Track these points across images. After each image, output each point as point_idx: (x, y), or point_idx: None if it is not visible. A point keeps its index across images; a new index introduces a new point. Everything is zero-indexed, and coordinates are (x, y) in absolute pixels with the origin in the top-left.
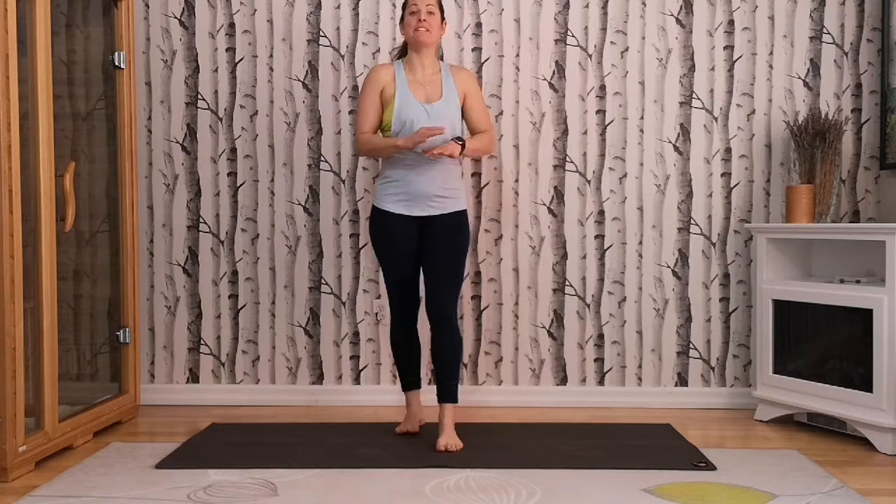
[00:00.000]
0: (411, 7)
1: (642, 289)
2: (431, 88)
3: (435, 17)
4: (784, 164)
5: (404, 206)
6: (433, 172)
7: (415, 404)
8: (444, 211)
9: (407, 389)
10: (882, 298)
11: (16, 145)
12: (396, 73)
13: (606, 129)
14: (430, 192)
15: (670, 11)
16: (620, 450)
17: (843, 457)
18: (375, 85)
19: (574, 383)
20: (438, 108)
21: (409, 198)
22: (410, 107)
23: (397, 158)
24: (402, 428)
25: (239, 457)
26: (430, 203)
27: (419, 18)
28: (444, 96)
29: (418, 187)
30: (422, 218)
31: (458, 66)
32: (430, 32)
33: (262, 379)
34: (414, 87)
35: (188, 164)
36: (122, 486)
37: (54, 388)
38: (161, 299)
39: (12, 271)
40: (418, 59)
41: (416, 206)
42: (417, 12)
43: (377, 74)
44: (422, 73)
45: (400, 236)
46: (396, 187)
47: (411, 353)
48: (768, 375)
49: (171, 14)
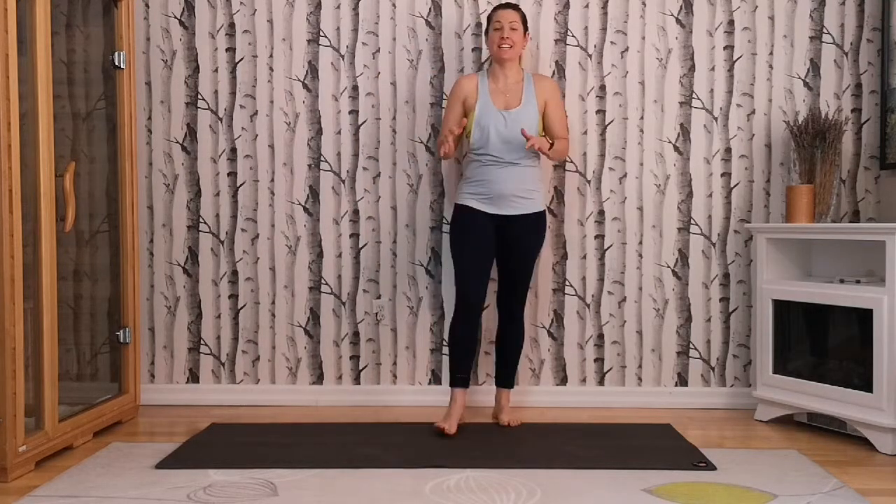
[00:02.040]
0: (495, 24)
1: (642, 289)
2: (511, 96)
3: (517, 33)
4: (784, 164)
5: (485, 205)
6: (513, 173)
7: (460, 402)
8: (524, 211)
9: (456, 385)
10: (882, 298)
11: (16, 145)
12: (479, 83)
13: (606, 129)
14: (511, 192)
15: (670, 11)
16: (620, 450)
17: (843, 457)
18: (458, 95)
19: (574, 383)
20: (516, 114)
21: (490, 197)
22: (489, 113)
23: (478, 160)
24: (441, 425)
25: (239, 457)
26: (510, 203)
27: (502, 36)
28: (523, 103)
29: (499, 187)
30: (501, 217)
31: (541, 75)
32: (512, 49)
33: (262, 379)
34: (495, 95)
35: (188, 164)
36: (122, 486)
37: (54, 388)
38: (161, 299)
39: (12, 271)
40: (501, 70)
41: (497, 205)
42: (501, 29)
43: (460, 85)
44: (504, 82)
45: (478, 232)
46: (478, 186)
47: (469, 350)
48: (768, 375)
49: (171, 14)
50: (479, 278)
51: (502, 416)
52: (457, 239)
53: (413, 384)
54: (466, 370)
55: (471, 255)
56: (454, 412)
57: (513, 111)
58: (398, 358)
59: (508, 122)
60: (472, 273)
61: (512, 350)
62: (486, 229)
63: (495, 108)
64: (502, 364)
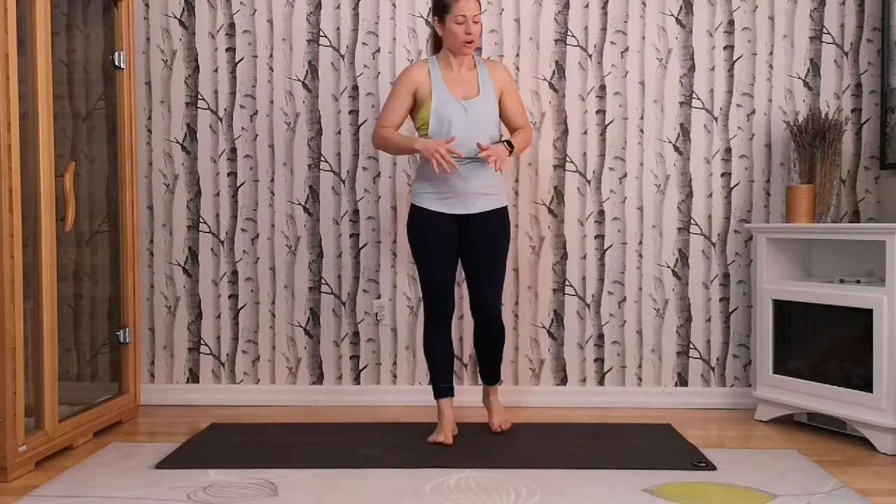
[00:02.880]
0: (457, 16)
1: (642, 289)
2: (468, 85)
3: (478, 26)
4: (784, 164)
5: (445, 205)
6: (473, 170)
7: (448, 412)
8: (486, 208)
9: (440, 397)
10: (882, 298)
11: (16, 145)
12: (431, 71)
13: (606, 129)
14: (471, 189)
15: (670, 11)
16: (620, 450)
17: (843, 457)
18: (408, 85)
19: (574, 383)
20: (476, 105)
21: (450, 196)
22: (448, 104)
23: None
24: (436, 438)
25: (239, 457)
26: (472, 201)
27: (468, 31)
28: (482, 93)
29: (459, 186)
30: (463, 216)
31: (493, 61)
32: (474, 43)
33: (262, 379)
34: (450, 84)
35: (188, 164)
36: (122, 486)
37: (54, 388)
38: (161, 299)
39: (12, 271)
40: (454, 58)
41: (458, 204)
42: (465, 23)
43: (410, 75)
44: (458, 70)
45: (440, 235)
46: (436, 186)
47: (446, 358)
48: (768, 375)
49: (171, 14)
50: (447, 286)
51: (493, 418)
52: (418, 244)
53: (413, 384)
54: (448, 379)
55: (436, 263)
56: (445, 425)
57: (472, 101)
58: (398, 358)
59: (469, 114)
60: (440, 282)
61: (495, 348)
62: (449, 231)
63: (454, 98)
64: (486, 363)
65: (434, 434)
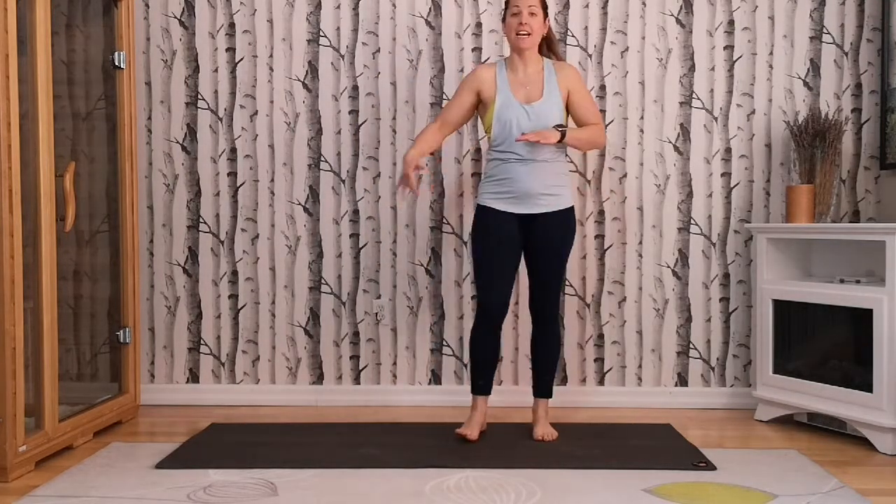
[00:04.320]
0: (513, 8)
1: (642, 289)
2: (532, 88)
3: (537, 18)
4: (784, 164)
5: (510, 204)
6: (538, 170)
7: (481, 409)
8: (551, 209)
9: (477, 393)
10: (882, 298)
11: (16, 145)
12: (498, 73)
13: (606, 129)
14: (536, 190)
15: (670, 11)
16: (620, 450)
17: (843, 457)
18: (472, 84)
19: (574, 383)
20: (539, 108)
21: (515, 196)
22: (510, 107)
23: (499, 157)
24: (462, 431)
25: (239, 457)
26: (536, 201)
27: (520, 21)
28: (545, 96)
29: (523, 185)
30: (527, 216)
31: (561, 63)
32: (530, 37)
33: (262, 379)
34: (515, 87)
35: (188, 164)
36: (122, 486)
37: (54, 388)
38: (161, 299)
39: (12, 271)
40: (520, 59)
41: (522, 204)
42: (519, 14)
43: (476, 74)
44: (524, 72)
45: (504, 234)
46: (501, 185)
47: (491, 357)
48: (768, 375)
49: (171, 14)
50: (502, 287)
51: (537, 428)
52: (479, 243)
53: (413, 384)
54: (488, 378)
55: (494, 262)
56: (475, 419)
57: (535, 104)
58: (398, 358)
59: (531, 117)
60: (496, 281)
61: (547, 357)
62: (512, 232)
63: (517, 101)
64: (537, 373)
65: (463, 427)
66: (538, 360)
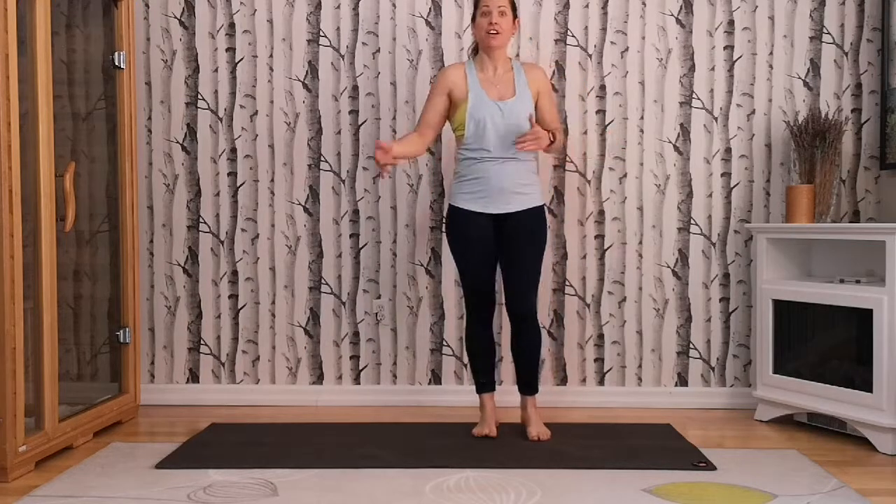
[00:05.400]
0: (483, 8)
1: (642, 289)
2: (504, 87)
3: (506, 18)
4: (784, 164)
5: (481, 204)
6: (508, 169)
7: (490, 406)
8: (522, 207)
9: (482, 391)
10: (882, 298)
11: (16, 145)
12: (468, 72)
13: (606, 129)
14: (507, 188)
15: (670, 11)
16: (620, 450)
17: (843, 457)
18: (443, 86)
19: (574, 383)
20: (512, 106)
21: (486, 195)
22: (483, 105)
23: (470, 157)
24: (480, 431)
25: (239, 457)
26: (508, 199)
27: (490, 21)
28: (517, 94)
29: (494, 184)
30: (499, 215)
31: (530, 64)
32: (500, 35)
33: (262, 379)
34: (486, 85)
35: (188, 164)
36: (122, 486)
37: (54, 388)
38: (161, 299)
39: (12, 271)
40: (489, 59)
41: (493, 203)
42: (489, 13)
43: (446, 75)
44: (493, 71)
45: (477, 235)
46: (472, 185)
47: (487, 354)
48: (768, 375)
49: (171, 14)
50: (485, 277)
51: (530, 428)
52: (456, 242)
53: (413, 384)
54: (489, 373)
55: (474, 261)
56: (487, 418)
57: (508, 102)
58: (398, 358)
59: (505, 114)
60: (479, 279)
61: (529, 353)
62: (485, 230)
63: (489, 99)
64: (520, 369)
65: (478, 427)
66: (521, 359)
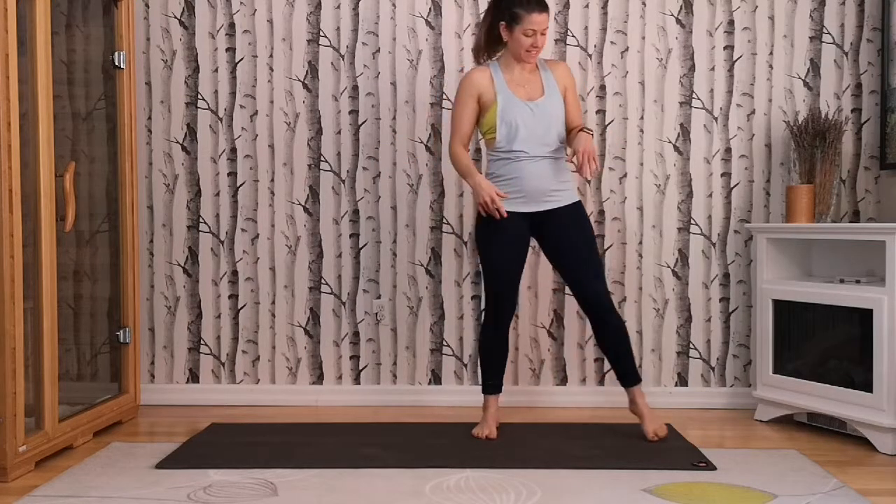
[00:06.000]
0: (526, 28)
1: (642, 289)
2: (531, 87)
3: (545, 37)
4: (784, 164)
5: (519, 204)
6: (544, 167)
7: (494, 408)
8: (561, 204)
9: (489, 393)
10: (882, 298)
11: (16, 145)
12: (494, 76)
13: (606, 129)
14: (546, 186)
15: (670, 11)
16: (620, 450)
17: (843, 457)
18: (471, 91)
19: (574, 383)
20: (542, 106)
21: (524, 195)
22: (514, 107)
23: (506, 157)
24: (481, 432)
25: (239, 457)
26: (546, 198)
27: (534, 44)
28: (546, 93)
29: (533, 183)
30: (539, 214)
31: (553, 61)
32: (539, 51)
33: (262, 379)
34: (514, 87)
35: (188, 164)
36: (122, 486)
37: (54, 388)
38: (161, 299)
39: (12, 271)
40: (516, 61)
41: (532, 202)
42: (533, 35)
43: (472, 80)
44: (520, 72)
45: (511, 235)
46: (509, 185)
47: (501, 356)
48: (768, 375)
49: (171, 14)
50: (514, 286)
51: (645, 425)
52: (487, 243)
53: (413, 384)
54: (499, 375)
55: (503, 259)
56: (489, 419)
57: (538, 101)
58: (398, 358)
59: (536, 115)
60: (508, 282)
61: (617, 342)
62: (521, 231)
63: (519, 99)
64: (613, 362)
65: (478, 428)
66: (616, 351)
